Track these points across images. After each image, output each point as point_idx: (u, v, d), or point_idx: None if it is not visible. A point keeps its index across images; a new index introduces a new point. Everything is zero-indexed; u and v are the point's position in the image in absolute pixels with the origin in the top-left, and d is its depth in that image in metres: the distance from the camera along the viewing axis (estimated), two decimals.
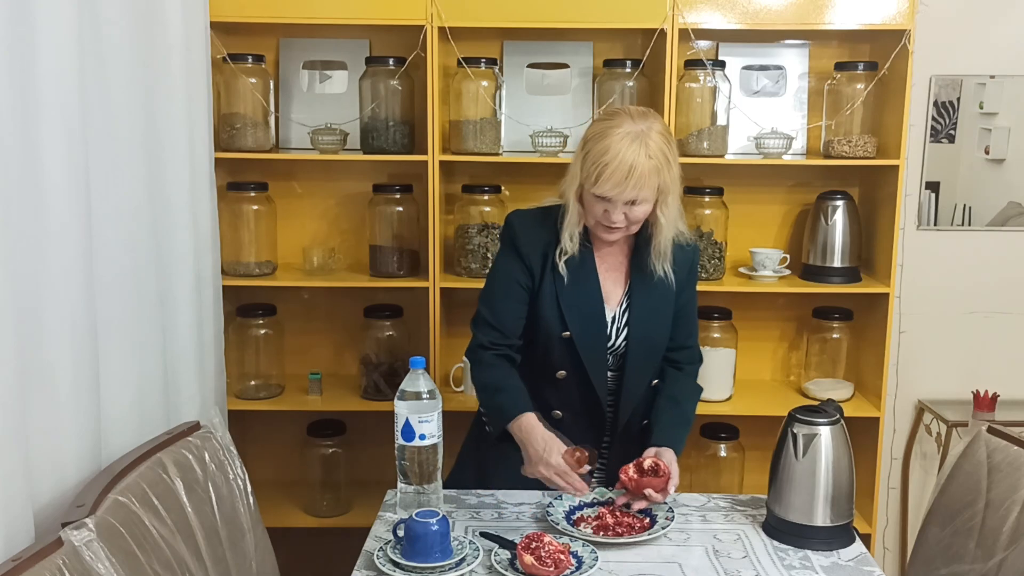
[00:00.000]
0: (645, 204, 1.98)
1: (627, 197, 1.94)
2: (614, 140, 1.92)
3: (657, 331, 2.14)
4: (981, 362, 3.26)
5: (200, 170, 2.51)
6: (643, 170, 1.91)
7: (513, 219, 2.15)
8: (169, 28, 2.30)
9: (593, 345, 2.09)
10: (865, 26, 2.83)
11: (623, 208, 1.97)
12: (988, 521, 1.95)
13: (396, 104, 2.92)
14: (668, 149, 1.96)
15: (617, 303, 2.12)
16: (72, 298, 1.81)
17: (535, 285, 2.10)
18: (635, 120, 1.95)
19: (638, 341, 2.11)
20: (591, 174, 1.94)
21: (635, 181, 1.91)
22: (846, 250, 2.97)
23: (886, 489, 3.35)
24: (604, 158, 1.92)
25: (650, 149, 1.92)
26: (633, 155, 1.91)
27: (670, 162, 1.97)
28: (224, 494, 2.03)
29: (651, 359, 2.16)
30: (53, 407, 1.78)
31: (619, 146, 1.91)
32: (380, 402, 2.97)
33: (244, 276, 2.95)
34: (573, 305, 2.07)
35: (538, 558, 1.76)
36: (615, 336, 2.11)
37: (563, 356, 2.10)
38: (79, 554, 1.51)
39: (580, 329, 2.08)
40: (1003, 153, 3.18)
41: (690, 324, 2.22)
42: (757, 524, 2.03)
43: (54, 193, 1.76)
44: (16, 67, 1.66)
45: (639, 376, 2.14)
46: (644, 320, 2.10)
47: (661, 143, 1.95)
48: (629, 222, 1.99)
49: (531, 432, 1.99)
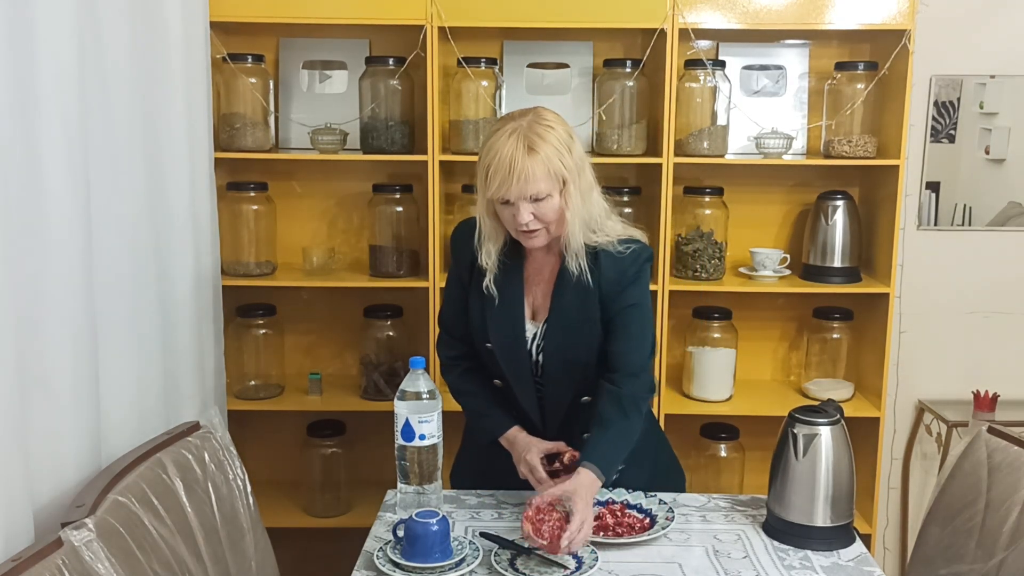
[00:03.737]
0: (549, 199, 1.91)
1: (519, 193, 1.88)
2: (495, 141, 1.90)
3: (573, 345, 2.03)
4: (981, 362, 3.26)
5: (200, 170, 2.51)
6: (525, 163, 1.86)
7: (454, 231, 2.17)
8: (169, 28, 2.31)
9: (514, 359, 2.06)
10: (865, 26, 2.82)
11: (529, 208, 1.90)
12: (988, 521, 1.95)
13: (396, 104, 2.92)
14: (558, 138, 1.90)
15: (544, 319, 2.06)
16: (72, 298, 1.81)
17: (466, 295, 2.10)
18: (517, 119, 1.92)
19: (552, 356, 2.04)
20: (483, 181, 1.92)
21: (518, 174, 1.86)
22: (846, 250, 2.97)
23: (886, 489, 3.35)
24: (487, 159, 1.90)
25: (531, 141, 1.87)
26: (511, 149, 1.86)
27: (560, 151, 1.89)
28: (224, 494, 2.03)
29: (570, 374, 2.05)
30: (53, 407, 1.78)
31: (499, 144, 1.88)
32: (380, 402, 2.97)
33: (244, 276, 2.95)
34: (495, 320, 2.05)
35: (537, 531, 1.78)
36: (535, 353, 2.07)
37: (494, 365, 2.09)
38: (79, 554, 1.51)
39: (501, 344, 2.06)
40: (1003, 153, 3.18)
41: (625, 339, 2.02)
42: (757, 524, 2.03)
43: (54, 193, 1.76)
44: (16, 67, 1.66)
45: (559, 391, 2.07)
46: (558, 335, 2.03)
47: (545, 133, 1.89)
48: (542, 222, 1.93)
49: (514, 442, 2.07)
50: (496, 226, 2.01)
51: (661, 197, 2.84)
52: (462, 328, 2.13)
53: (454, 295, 2.15)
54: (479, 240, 2.03)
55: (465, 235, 2.09)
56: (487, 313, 2.05)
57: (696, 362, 3.02)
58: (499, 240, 2.03)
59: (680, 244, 2.99)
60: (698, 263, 2.95)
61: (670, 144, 2.82)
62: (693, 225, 3.00)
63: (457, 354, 2.17)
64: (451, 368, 2.18)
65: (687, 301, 3.03)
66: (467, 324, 2.11)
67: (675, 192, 2.93)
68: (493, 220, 2.00)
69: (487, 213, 1.99)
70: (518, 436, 2.08)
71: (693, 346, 3.03)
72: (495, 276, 2.04)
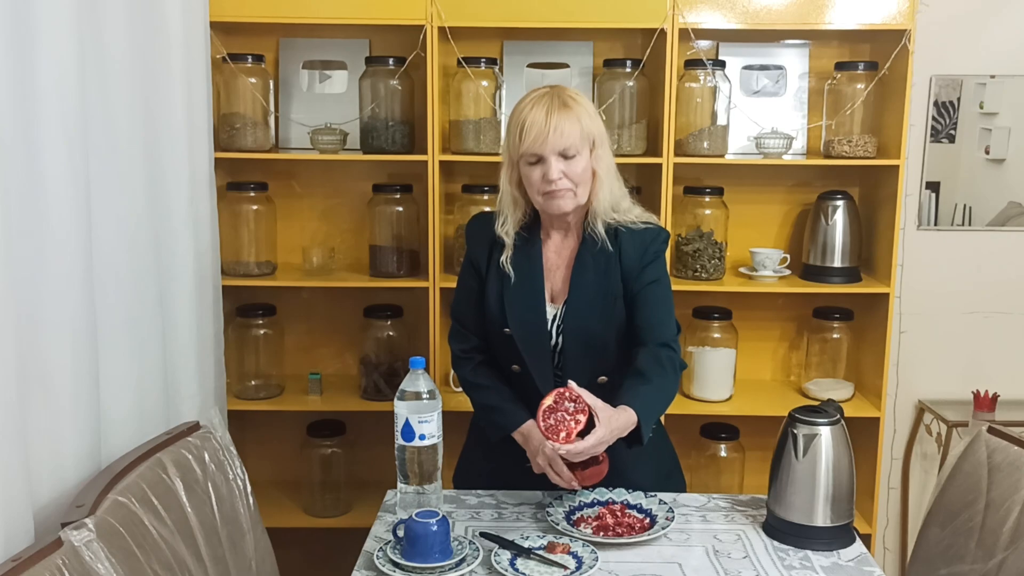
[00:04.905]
0: (579, 157, 1.97)
1: (553, 146, 1.94)
2: (527, 103, 1.99)
3: (593, 324, 2.05)
4: (981, 362, 3.26)
5: (200, 170, 2.51)
6: (560, 116, 1.94)
7: (469, 222, 2.20)
8: (169, 28, 2.30)
9: (534, 342, 2.07)
10: (865, 26, 2.83)
11: (559, 165, 1.95)
12: (988, 521, 1.95)
13: (396, 104, 2.92)
14: (585, 103, 1.99)
15: (564, 300, 2.08)
16: (72, 298, 1.81)
17: (482, 284, 2.11)
18: (543, 91, 2.01)
19: (572, 336, 2.06)
20: (515, 142, 1.97)
21: (554, 126, 1.93)
22: (846, 250, 2.97)
23: (886, 489, 3.35)
24: (520, 117, 1.97)
25: (564, 99, 1.96)
26: (546, 104, 1.95)
27: (590, 114, 1.99)
28: (224, 494, 2.03)
29: (590, 354, 2.07)
30: (53, 407, 1.78)
31: (531, 105, 1.97)
32: (380, 402, 2.97)
33: (244, 276, 2.95)
34: (514, 303, 2.07)
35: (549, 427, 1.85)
36: (555, 335, 2.08)
37: (512, 351, 2.09)
38: (79, 554, 1.51)
39: (519, 327, 2.06)
40: (1003, 153, 3.18)
41: (653, 311, 2.04)
42: (757, 524, 2.03)
43: (54, 193, 1.76)
44: (16, 67, 1.66)
45: (577, 372, 2.06)
46: (578, 315, 2.05)
47: (577, 96, 1.99)
48: (571, 181, 1.97)
49: (529, 436, 2.03)
50: (518, 196, 2.05)
51: (661, 197, 2.84)
52: (475, 319, 2.13)
53: (468, 285, 2.15)
54: (499, 211, 2.06)
55: (481, 224, 2.13)
56: (506, 296, 2.06)
57: (696, 362, 3.02)
58: (519, 212, 2.06)
59: (680, 244, 3.00)
60: (698, 263, 2.95)
61: (670, 144, 2.83)
62: (693, 225, 3.00)
63: (469, 347, 2.16)
64: (464, 362, 2.17)
65: (687, 301, 3.03)
66: (480, 315, 2.11)
67: (675, 192, 2.93)
68: (516, 189, 2.04)
69: (511, 181, 2.03)
70: (533, 430, 2.03)
71: (693, 346, 3.03)
72: (512, 257, 2.06)
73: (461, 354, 2.18)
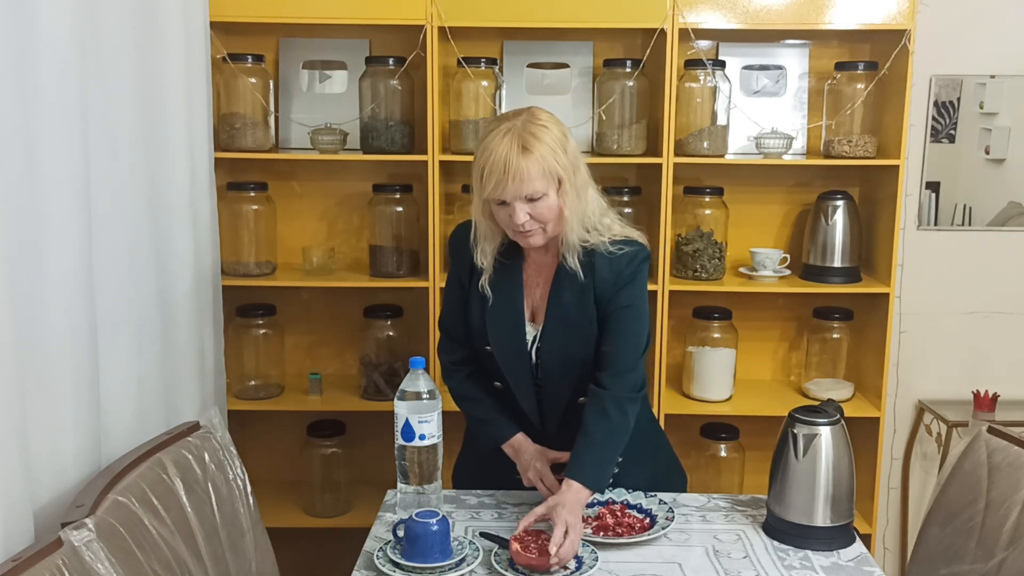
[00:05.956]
0: (545, 198, 1.90)
1: (514, 193, 1.86)
2: (490, 142, 1.88)
3: (570, 347, 2.02)
4: (981, 362, 3.26)
5: (200, 170, 2.51)
6: (520, 162, 1.85)
7: (452, 234, 2.15)
8: (169, 28, 2.30)
9: (514, 363, 2.05)
10: (865, 26, 2.82)
11: (525, 208, 1.89)
12: (988, 521, 1.95)
13: (396, 104, 2.92)
14: (552, 137, 1.88)
15: (543, 320, 2.05)
16: (72, 298, 1.81)
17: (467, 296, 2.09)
18: (511, 119, 1.91)
19: (549, 356, 2.04)
20: (479, 181, 1.91)
21: (513, 174, 1.84)
22: (846, 250, 2.97)
23: (886, 489, 3.35)
24: (482, 160, 1.88)
25: (525, 140, 1.86)
26: (505, 149, 1.85)
27: (555, 150, 1.88)
28: (224, 494, 2.03)
29: (569, 374, 2.04)
30: (53, 407, 1.78)
31: (493, 144, 1.87)
32: (380, 402, 2.97)
33: (244, 276, 2.95)
34: (494, 324, 2.04)
35: (525, 547, 1.80)
36: (535, 356, 2.06)
37: (494, 368, 2.09)
38: (79, 554, 1.51)
39: (499, 347, 2.05)
40: (1003, 153, 3.18)
41: (616, 339, 2.00)
42: (757, 524, 2.03)
43: (54, 192, 1.76)
44: (16, 67, 1.66)
45: (558, 391, 2.07)
46: (557, 335, 2.03)
47: (540, 132, 1.87)
48: (538, 222, 1.92)
49: (519, 450, 2.07)
50: (492, 227, 2.00)
51: (661, 197, 2.84)
52: (463, 331, 2.12)
53: (454, 297, 2.13)
54: (474, 241, 2.02)
55: (463, 237, 2.08)
56: (486, 316, 2.05)
57: (696, 362, 3.02)
58: (495, 241, 2.02)
59: (680, 244, 3.00)
60: (698, 263, 2.95)
61: (670, 144, 2.82)
62: (693, 225, 3.00)
63: (458, 358, 2.16)
64: (452, 373, 2.17)
65: (687, 301, 3.03)
66: (467, 326, 2.11)
67: (675, 192, 2.93)
68: (489, 221, 1.99)
69: (483, 214, 1.98)
70: (523, 444, 2.07)
71: (693, 346, 3.03)
72: (493, 278, 2.03)
73: (450, 366, 2.17)
